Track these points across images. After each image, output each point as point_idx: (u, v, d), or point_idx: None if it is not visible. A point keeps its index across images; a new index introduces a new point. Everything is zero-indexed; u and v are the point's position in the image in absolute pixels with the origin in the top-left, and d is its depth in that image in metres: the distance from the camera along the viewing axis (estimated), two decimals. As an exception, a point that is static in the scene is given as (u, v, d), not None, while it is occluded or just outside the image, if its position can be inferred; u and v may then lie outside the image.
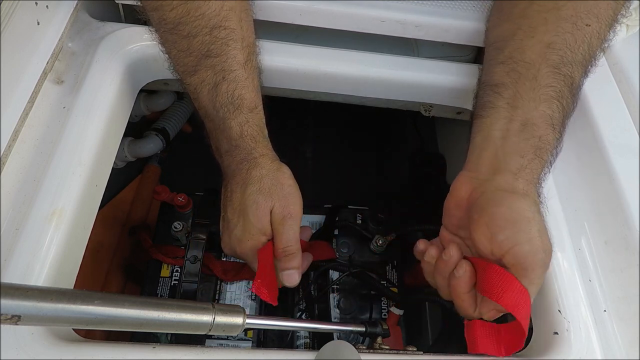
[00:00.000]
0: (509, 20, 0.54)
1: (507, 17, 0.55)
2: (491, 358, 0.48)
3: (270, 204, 0.52)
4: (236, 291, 0.70)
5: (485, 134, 0.50)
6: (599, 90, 0.59)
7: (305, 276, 0.71)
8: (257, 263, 0.53)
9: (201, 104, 0.54)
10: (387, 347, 0.50)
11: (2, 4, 0.48)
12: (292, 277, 0.53)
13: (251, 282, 0.71)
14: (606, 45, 0.53)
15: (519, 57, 0.50)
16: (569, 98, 0.49)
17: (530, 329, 0.51)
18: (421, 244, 0.52)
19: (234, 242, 0.54)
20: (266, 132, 0.56)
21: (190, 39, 0.51)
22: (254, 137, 0.53)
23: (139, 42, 0.58)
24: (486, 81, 0.53)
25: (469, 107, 0.65)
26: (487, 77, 0.53)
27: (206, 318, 0.40)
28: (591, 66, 0.52)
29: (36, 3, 0.54)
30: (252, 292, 0.70)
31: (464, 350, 0.54)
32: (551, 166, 0.49)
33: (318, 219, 0.78)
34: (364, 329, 0.55)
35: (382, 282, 0.71)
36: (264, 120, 0.56)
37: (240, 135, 0.53)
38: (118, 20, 0.64)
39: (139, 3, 0.53)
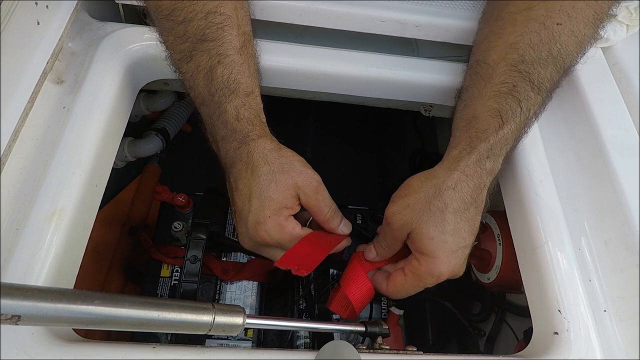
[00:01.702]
0: (485, 24, 0.57)
1: (485, 21, 0.57)
2: (491, 357, 0.48)
3: (291, 181, 0.51)
4: (236, 291, 0.70)
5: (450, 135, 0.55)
6: (599, 90, 0.59)
7: (305, 276, 0.71)
8: (287, 240, 0.52)
9: (197, 91, 0.53)
10: (387, 347, 0.50)
11: (2, 4, 0.48)
12: (347, 225, 0.57)
13: (251, 282, 0.71)
14: (588, 44, 0.53)
15: (482, 60, 0.54)
16: (530, 92, 0.51)
17: (530, 329, 0.51)
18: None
19: (253, 229, 0.51)
20: (264, 118, 0.55)
21: (186, 24, 0.51)
22: (250, 120, 0.52)
23: (139, 42, 0.58)
24: (459, 88, 0.57)
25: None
26: (462, 83, 0.57)
27: (206, 318, 0.40)
28: (568, 64, 0.53)
29: (36, 3, 0.54)
30: (251, 292, 0.70)
31: (464, 350, 0.54)
32: (495, 154, 0.51)
33: (318, 219, 0.78)
34: (364, 329, 0.55)
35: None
36: (261, 106, 0.55)
37: (236, 118, 0.52)
38: (118, 20, 0.64)
39: (139, 3, 0.53)
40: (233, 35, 0.52)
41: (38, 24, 0.54)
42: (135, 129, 0.95)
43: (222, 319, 0.41)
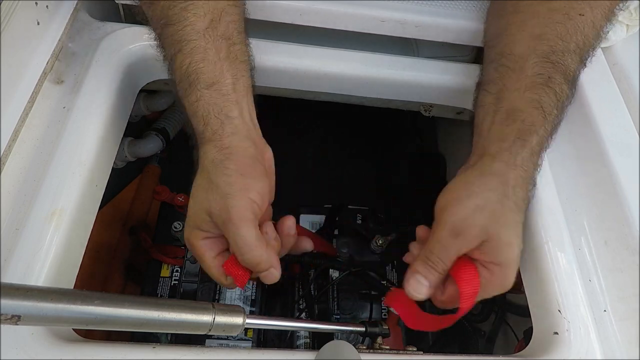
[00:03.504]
0: (501, 17, 0.55)
1: (500, 14, 0.55)
2: (491, 357, 0.48)
3: (206, 204, 0.45)
4: (236, 291, 0.70)
5: (477, 131, 0.50)
6: (599, 90, 0.59)
7: (305, 276, 0.71)
8: (200, 260, 0.47)
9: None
10: (387, 347, 0.50)
11: (2, 4, 0.48)
12: (268, 278, 0.46)
13: (251, 282, 0.71)
14: (603, 35, 0.52)
15: (508, 52, 0.51)
16: (563, 84, 0.49)
17: (530, 329, 0.51)
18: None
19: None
20: (230, 111, 0.47)
21: (154, 8, 0.47)
22: (204, 117, 0.46)
23: (139, 42, 0.58)
24: (480, 81, 0.54)
25: (469, 107, 0.65)
26: (481, 77, 0.54)
27: (206, 318, 0.40)
28: (588, 55, 0.52)
29: (36, 3, 0.54)
30: (252, 292, 0.70)
31: (464, 351, 0.53)
32: (543, 147, 0.48)
33: (318, 219, 0.78)
34: (364, 329, 0.55)
35: (382, 282, 0.71)
36: (228, 98, 0.47)
37: (192, 115, 0.47)
38: (118, 20, 0.64)
39: (139, 2, 0.53)
40: (198, 15, 0.46)
41: (38, 24, 0.54)
42: (135, 129, 0.95)
43: (222, 319, 0.41)
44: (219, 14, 0.48)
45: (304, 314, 0.70)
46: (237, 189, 0.44)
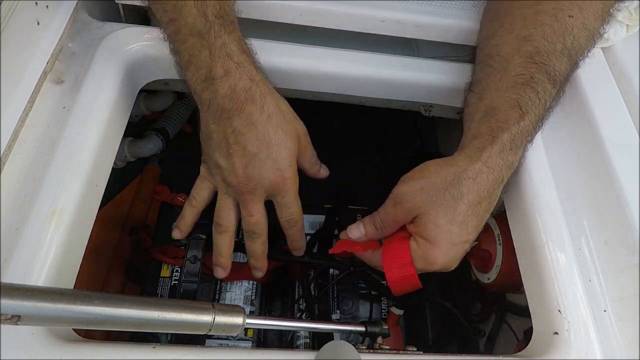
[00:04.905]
0: (493, 20, 0.56)
1: (492, 17, 0.57)
2: (491, 357, 0.48)
3: (295, 131, 0.56)
4: (236, 291, 0.70)
5: (463, 130, 0.53)
6: (599, 90, 0.59)
7: (305, 276, 0.71)
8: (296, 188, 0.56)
9: (187, 20, 0.49)
10: (387, 347, 0.50)
11: (2, 4, 0.48)
12: (326, 169, 0.64)
13: (251, 282, 0.70)
14: (598, 36, 0.53)
15: (495, 53, 0.52)
16: (547, 84, 0.50)
17: (530, 329, 0.51)
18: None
19: (272, 174, 0.53)
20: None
21: None
22: (252, 57, 0.53)
23: (139, 42, 0.58)
24: (469, 82, 0.56)
25: (469, 107, 0.65)
26: (471, 77, 0.56)
27: (206, 318, 0.40)
28: (580, 56, 0.53)
29: (36, 3, 0.54)
30: (252, 292, 0.70)
31: (464, 351, 0.53)
32: (517, 146, 0.50)
33: (318, 219, 0.78)
34: (364, 329, 0.55)
35: (382, 282, 0.71)
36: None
37: (242, 51, 0.51)
38: (118, 20, 0.64)
39: (139, 3, 0.53)
40: None
41: (38, 24, 0.54)
42: (135, 129, 0.95)
43: (222, 319, 0.41)
44: None
45: (304, 314, 0.70)
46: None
